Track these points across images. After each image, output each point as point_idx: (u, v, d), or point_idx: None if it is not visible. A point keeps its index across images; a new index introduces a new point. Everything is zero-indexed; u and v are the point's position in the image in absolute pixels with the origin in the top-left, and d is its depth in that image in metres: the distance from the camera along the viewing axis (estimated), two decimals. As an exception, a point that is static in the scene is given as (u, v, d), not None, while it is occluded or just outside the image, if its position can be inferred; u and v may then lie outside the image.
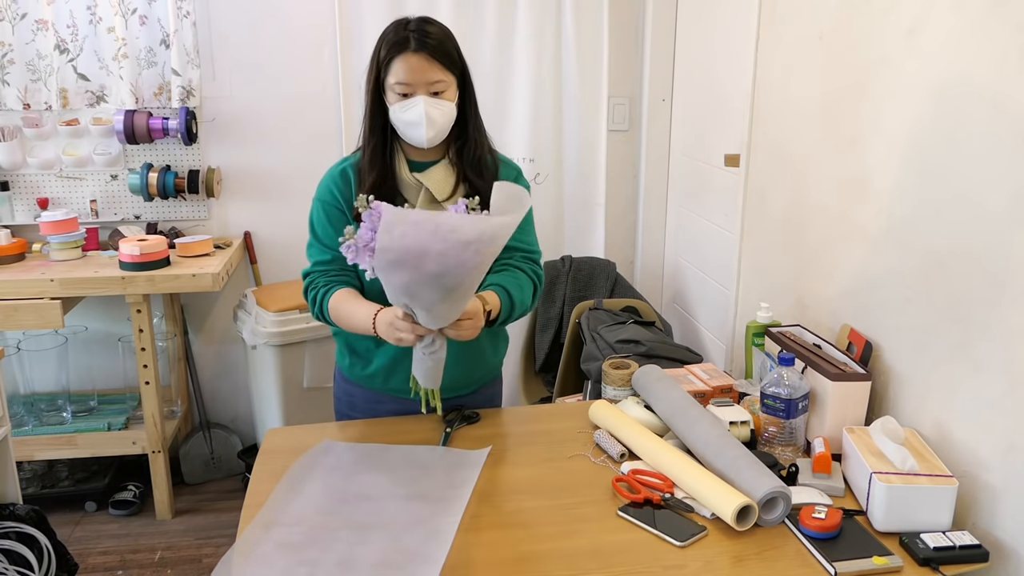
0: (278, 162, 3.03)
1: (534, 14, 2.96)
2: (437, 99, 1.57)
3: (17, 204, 2.93)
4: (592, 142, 3.12)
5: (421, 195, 1.64)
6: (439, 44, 1.56)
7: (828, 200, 1.90)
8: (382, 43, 1.59)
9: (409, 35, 1.55)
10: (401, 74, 1.55)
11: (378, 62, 1.59)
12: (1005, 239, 1.35)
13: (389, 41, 1.57)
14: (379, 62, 1.58)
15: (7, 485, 2.10)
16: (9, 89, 2.77)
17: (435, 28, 1.59)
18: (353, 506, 1.39)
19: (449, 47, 1.59)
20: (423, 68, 1.55)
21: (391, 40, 1.57)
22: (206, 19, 2.88)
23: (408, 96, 1.57)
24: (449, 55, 1.58)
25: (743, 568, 1.27)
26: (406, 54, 1.55)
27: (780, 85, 2.14)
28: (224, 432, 3.16)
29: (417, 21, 1.58)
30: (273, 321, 2.73)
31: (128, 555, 2.64)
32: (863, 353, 1.70)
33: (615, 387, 1.82)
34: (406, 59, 1.55)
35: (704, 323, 2.84)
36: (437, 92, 1.57)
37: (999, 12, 1.36)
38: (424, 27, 1.57)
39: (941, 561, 1.27)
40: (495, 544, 1.33)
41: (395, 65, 1.56)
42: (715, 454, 1.47)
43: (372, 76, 1.61)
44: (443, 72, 1.57)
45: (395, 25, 1.60)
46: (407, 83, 1.55)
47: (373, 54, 1.61)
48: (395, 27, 1.59)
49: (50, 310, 2.53)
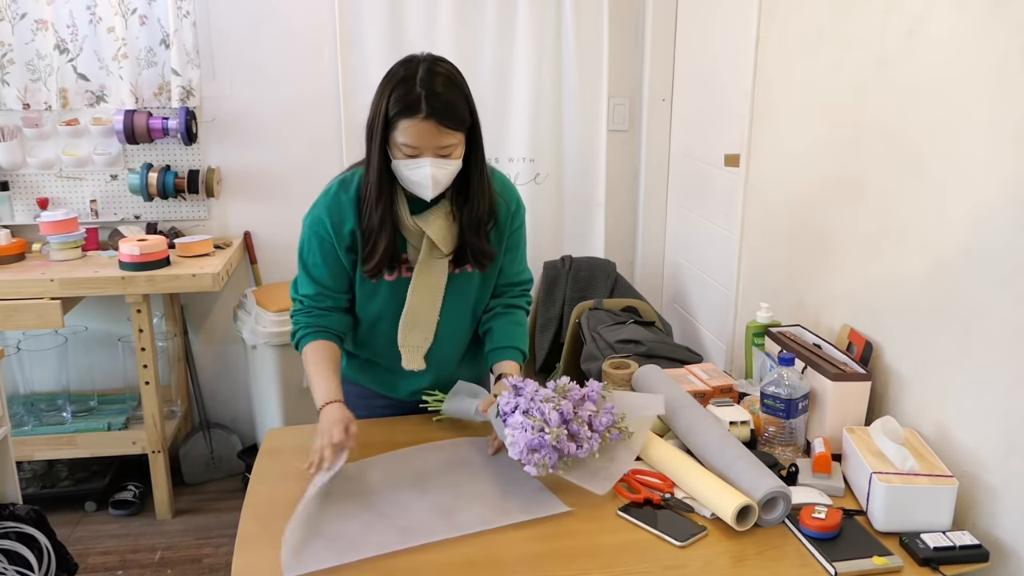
0: (278, 162, 3.03)
1: (534, 14, 2.96)
2: (444, 160, 1.51)
3: (17, 204, 2.93)
4: (592, 142, 3.12)
5: (424, 244, 1.61)
6: (450, 108, 1.48)
7: (828, 200, 1.90)
8: (390, 95, 1.49)
9: (420, 98, 1.46)
10: (409, 138, 1.48)
11: (386, 116, 1.49)
12: (1005, 239, 1.35)
13: (399, 99, 1.47)
14: (387, 116, 1.49)
15: (7, 485, 2.10)
16: (9, 89, 2.77)
17: (446, 86, 1.49)
18: None
19: (460, 108, 1.51)
20: (432, 135, 1.48)
21: (400, 98, 1.47)
22: (206, 19, 2.88)
23: (414, 156, 1.51)
24: (460, 117, 1.50)
25: (743, 568, 1.27)
26: (416, 119, 1.46)
27: (780, 85, 2.14)
28: (224, 432, 3.16)
29: (428, 76, 1.48)
30: (273, 321, 2.73)
31: (128, 555, 2.64)
32: (863, 353, 1.70)
33: (615, 387, 1.82)
34: (416, 124, 1.47)
35: (704, 323, 2.84)
36: (445, 155, 1.52)
37: (999, 12, 1.36)
38: (435, 88, 1.47)
39: (941, 561, 1.27)
40: (495, 544, 1.33)
41: (403, 125, 1.48)
42: (715, 454, 1.47)
43: (379, 127, 1.52)
44: (453, 136, 1.50)
45: (404, 77, 1.48)
46: (415, 147, 1.49)
47: (379, 100, 1.51)
48: (404, 81, 1.48)
49: (50, 310, 2.53)
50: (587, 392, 1.50)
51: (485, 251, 1.65)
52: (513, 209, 1.71)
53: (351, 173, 1.64)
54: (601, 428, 1.46)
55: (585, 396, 1.49)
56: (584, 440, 1.42)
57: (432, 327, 1.68)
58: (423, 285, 1.64)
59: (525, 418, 1.41)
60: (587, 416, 1.46)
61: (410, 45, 2.92)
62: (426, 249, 1.61)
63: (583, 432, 1.42)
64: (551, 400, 1.44)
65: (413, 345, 1.68)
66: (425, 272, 1.63)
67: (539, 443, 1.38)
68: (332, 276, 1.64)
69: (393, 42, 2.91)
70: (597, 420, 1.46)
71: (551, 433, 1.38)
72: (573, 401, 1.46)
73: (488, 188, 1.62)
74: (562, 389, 1.49)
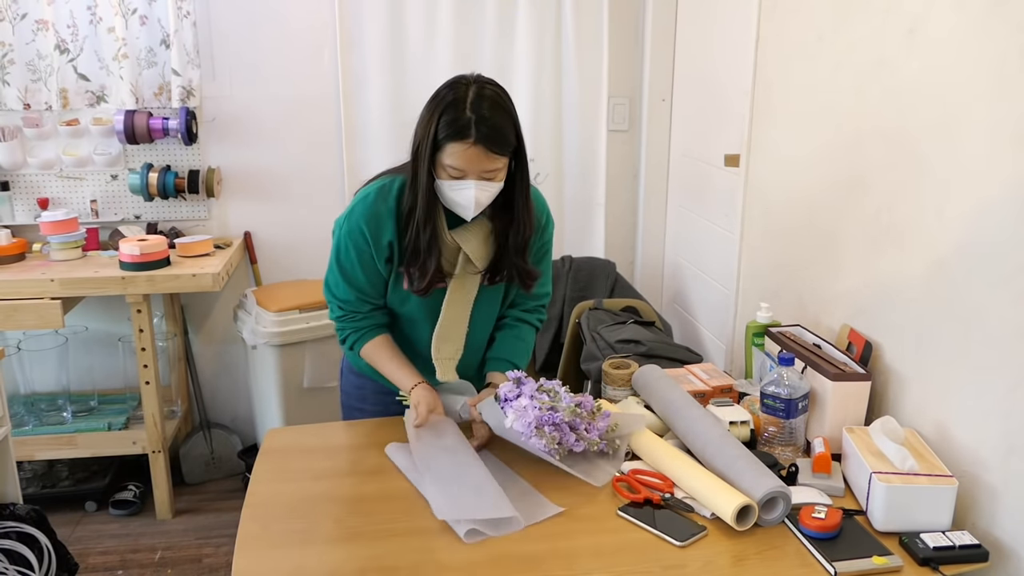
0: (278, 162, 3.03)
1: (534, 14, 2.96)
2: (487, 182, 1.52)
3: (17, 204, 2.93)
4: (592, 142, 3.12)
5: (460, 260, 1.63)
6: (499, 133, 1.49)
7: (828, 200, 1.90)
8: (440, 116, 1.49)
9: (470, 123, 1.46)
10: (456, 161, 1.49)
11: (435, 139, 1.49)
12: (1005, 239, 1.35)
13: (448, 123, 1.48)
14: (435, 138, 1.49)
15: (7, 485, 2.10)
16: (9, 89, 2.77)
17: (494, 110, 1.49)
18: None
19: (508, 132, 1.51)
20: (480, 159, 1.49)
21: (451, 123, 1.47)
22: (206, 19, 2.88)
23: (459, 178, 1.51)
24: (507, 141, 1.51)
25: (743, 568, 1.27)
26: (465, 143, 1.47)
27: (780, 85, 2.14)
28: (224, 432, 3.16)
29: (477, 100, 1.48)
30: (273, 321, 2.73)
31: (128, 555, 2.64)
32: (863, 353, 1.70)
33: (615, 387, 1.82)
34: (465, 149, 1.47)
35: (704, 323, 2.84)
36: (489, 177, 1.52)
37: (999, 12, 1.36)
38: (483, 111, 1.47)
39: (941, 561, 1.28)
40: (495, 544, 1.33)
41: (452, 149, 1.49)
42: (715, 454, 1.47)
43: (427, 149, 1.51)
44: (499, 160, 1.51)
45: (453, 100, 1.49)
46: (461, 169, 1.50)
47: (428, 122, 1.51)
48: (454, 104, 1.48)
49: (50, 310, 2.53)
50: (582, 400, 1.54)
51: (530, 272, 1.68)
52: (543, 223, 1.72)
53: (390, 181, 1.62)
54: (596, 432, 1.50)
55: (581, 402, 1.53)
56: (583, 436, 1.47)
57: (462, 339, 1.71)
58: (457, 300, 1.66)
59: (532, 401, 1.47)
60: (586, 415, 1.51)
61: (410, 45, 2.93)
62: (462, 264, 1.63)
63: (583, 427, 1.47)
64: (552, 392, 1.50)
65: (445, 357, 1.71)
66: (460, 287, 1.65)
67: (549, 419, 1.44)
68: (370, 283, 1.66)
69: (393, 42, 2.91)
70: (594, 425, 1.51)
71: (565, 410, 1.44)
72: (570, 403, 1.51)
73: (531, 211, 1.63)
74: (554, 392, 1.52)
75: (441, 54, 2.94)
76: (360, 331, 1.70)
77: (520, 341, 1.79)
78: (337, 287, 1.68)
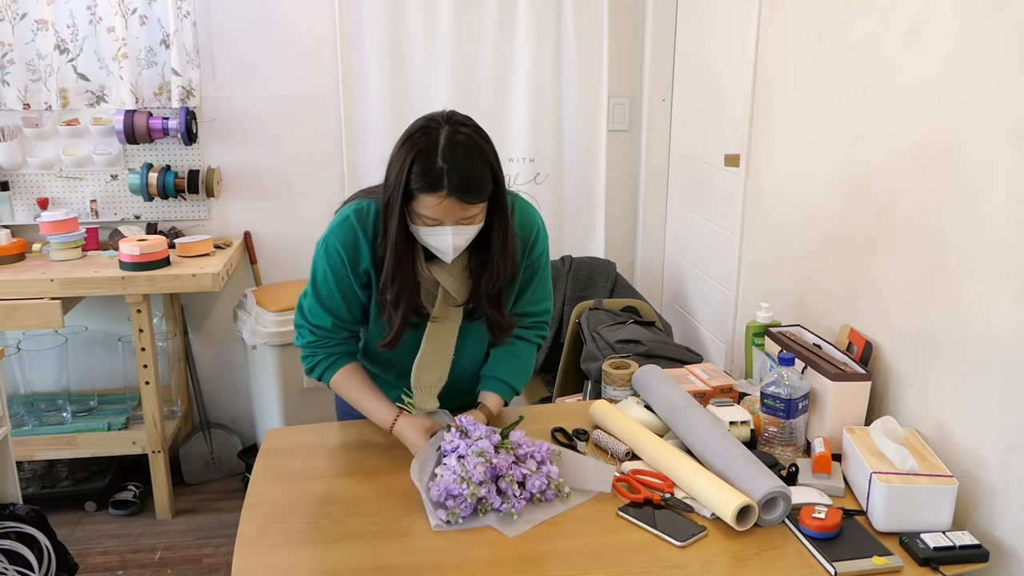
0: (278, 162, 3.03)
1: (534, 14, 2.96)
2: (465, 226, 1.47)
3: (17, 204, 2.93)
4: (592, 142, 3.12)
5: (439, 295, 1.59)
6: (474, 184, 1.42)
7: (828, 200, 1.90)
8: (411, 165, 1.41)
9: (442, 174, 1.40)
10: (431, 212, 1.43)
11: (407, 186, 1.43)
12: (1005, 239, 1.35)
13: (420, 174, 1.41)
14: (407, 186, 1.43)
15: (7, 485, 2.10)
16: (9, 89, 2.77)
17: (467, 156, 1.42)
18: None
19: (483, 180, 1.44)
20: (455, 210, 1.43)
21: (422, 174, 1.41)
22: (206, 19, 2.88)
23: (435, 226, 1.46)
24: (483, 188, 1.44)
25: (743, 568, 1.27)
26: (438, 195, 1.41)
27: (780, 85, 2.14)
28: (224, 432, 3.16)
29: (449, 147, 1.41)
30: (273, 321, 2.73)
31: (128, 555, 2.64)
32: (863, 353, 1.70)
33: (615, 387, 1.82)
34: (438, 202, 1.41)
35: (704, 323, 2.84)
36: (466, 223, 1.47)
37: (999, 12, 1.36)
38: (456, 161, 1.40)
39: (941, 561, 1.28)
40: (495, 544, 1.33)
41: (425, 200, 1.42)
42: (715, 454, 1.47)
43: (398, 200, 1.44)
44: (475, 207, 1.45)
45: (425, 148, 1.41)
46: (437, 219, 1.45)
47: (399, 169, 1.43)
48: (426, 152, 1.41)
49: (50, 310, 2.53)
50: (533, 451, 1.47)
51: (502, 324, 1.62)
52: (532, 241, 1.64)
53: (367, 204, 1.56)
54: (533, 490, 1.43)
55: (530, 455, 1.47)
56: (509, 498, 1.40)
57: (447, 368, 1.67)
58: (437, 332, 1.63)
59: (457, 464, 1.40)
60: (520, 475, 1.43)
61: (410, 45, 2.92)
62: (441, 298, 1.60)
63: (511, 490, 1.40)
64: (484, 455, 1.41)
65: (426, 385, 1.67)
66: (441, 321, 1.62)
67: (458, 492, 1.38)
68: (348, 308, 1.61)
69: (393, 42, 2.91)
70: (531, 482, 1.43)
71: (469, 490, 1.37)
72: (517, 457, 1.45)
73: (511, 255, 1.55)
74: (508, 444, 1.47)
75: (441, 54, 2.94)
76: (332, 357, 1.64)
77: (515, 358, 1.73)
78: (313, 313, 1.61)
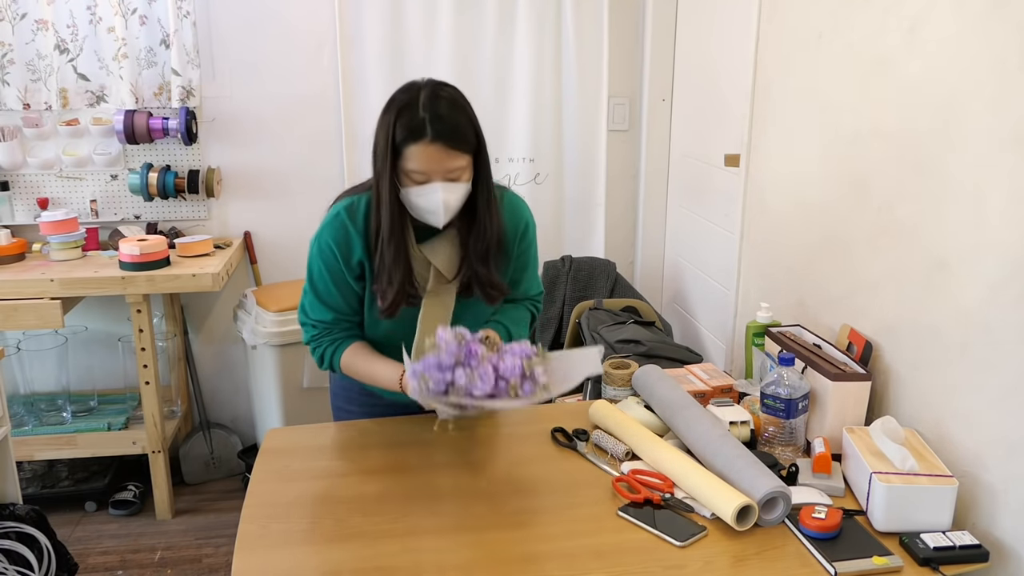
0: (278, 162, 3.03)
1: (534, 14, 2.96)
2: (454, 184, 1.50)
3: (17, 204, 2.93)
4: (592, 142, 3.12)
5: (432, 274, 1.60)
6: (456, 129, 1.47)
7: (828, 200, 1.90)
8: (395, 122, 1.47)
9: (425, 122, 1.45)
10: (418, 163, 1.47)
11: (392, 143, 1.48)
12: (1004, 239, 1.35)
13: (404, 125, 1.46)
14: (393, 144, 1.48)
15: (7, 485, 2.10)
16: (9, 89, 2.77)
17: (450, 108, 1.48)
18: None
19: (465, 129, 1.49)
20: (441, 158, 1.46)
21: (406, 124, 1.46)
22: (206, 19, 2.88)
23: (424, 183, 1.49)
24: (466, 138, 1.49)
25: (743, 568, 1.27)
26: (423, 143, 1.45)
27: (780, 85, 2.14)
28: (224, 432, 3.16)
29: (430, 100, 1.47)
30: (273, 321, 2.73)
31: (128, 555, 2.64)
32: (863, 353, 1.70)
33: (615, 387, 1.82)
34: (423, 149, 1.46)
35: (704, 323, 2.84)
36: (454, 178, 1.50)
37: (999, 12, 1.36)
38: (438, 110, 1.46)
39: (941, 561, 1.28)
40: (495, 544, 1.33)
41: (410, 152, 1.47)
42: (715, 454, 1.47)
43: (387, 156, 1.49)
44: (461, 158, 1.49)
45: (407, 103, 1.47)
46: (424, 172, 1.48)
47: (384, 129, 1.49)
48: (408, 106, 1.47)
49: (50, 310, 2.53)
50: (512, 348, 1.46)
51: (494, 283, 1.63)
52: (522, 229, 1.68)
53: (356, 199, 1.60)
54: (507, 373, 1.41)
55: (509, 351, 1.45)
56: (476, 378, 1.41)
57: None
58: (432, 315, 1.63)
59: None
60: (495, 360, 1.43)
61: (410, 45, 2.92)
62: (433, 279, 1.61)
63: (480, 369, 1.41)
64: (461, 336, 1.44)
65: None
66: (434, 302, 1.63)
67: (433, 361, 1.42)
68: (346, 302, 1.64)
69: (393, 42, 2.91)
70: (503, 364, 1.42)
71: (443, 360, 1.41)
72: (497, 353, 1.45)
73: (496, 214, 1.59)
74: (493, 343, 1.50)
75: (441, 54, 2.94)
76: (336, 342, 1.66)
77: (511, 312, 1.74)
78: (314, 309, 1.65)
